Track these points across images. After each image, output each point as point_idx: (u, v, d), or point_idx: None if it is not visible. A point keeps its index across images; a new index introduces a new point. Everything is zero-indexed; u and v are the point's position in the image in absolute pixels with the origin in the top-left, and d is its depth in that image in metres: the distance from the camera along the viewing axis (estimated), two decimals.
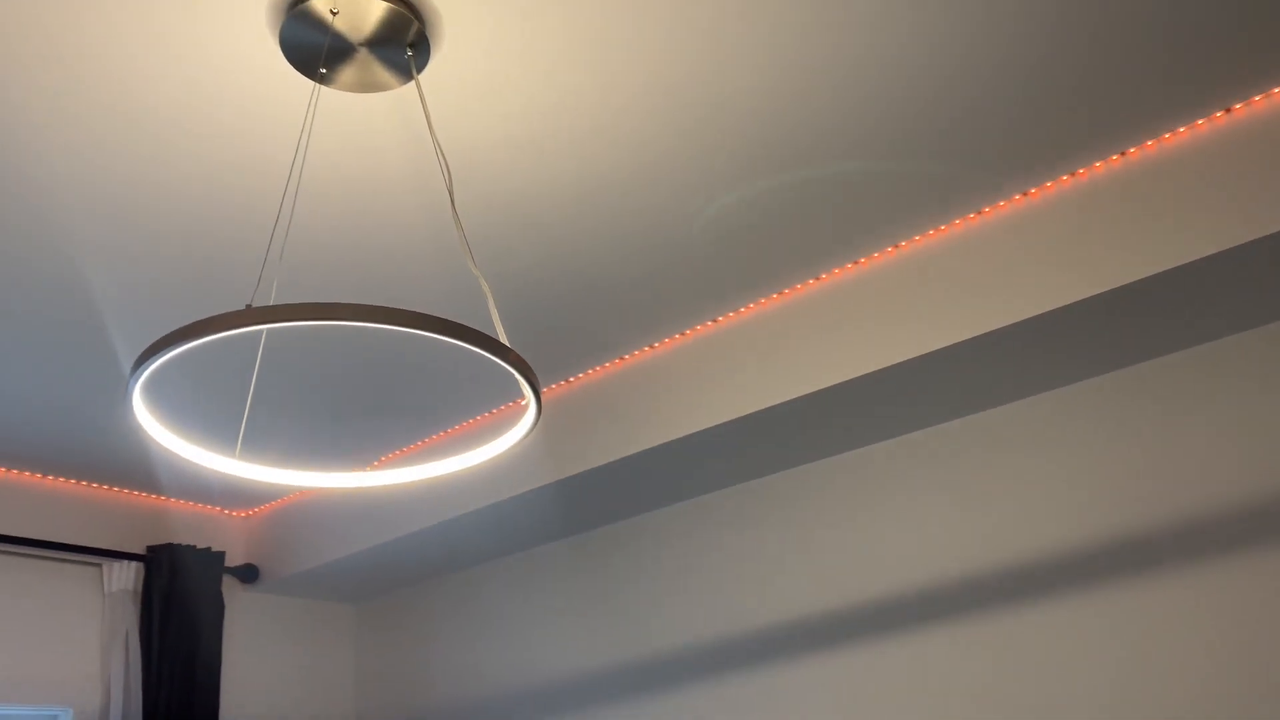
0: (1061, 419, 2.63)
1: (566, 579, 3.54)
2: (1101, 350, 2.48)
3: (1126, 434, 2.52)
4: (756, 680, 2.99)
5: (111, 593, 3.39)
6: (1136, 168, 2.21)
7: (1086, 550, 2.52)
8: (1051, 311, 2.25)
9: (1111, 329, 2.38)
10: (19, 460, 3.23)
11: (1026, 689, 2.52)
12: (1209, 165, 2.11)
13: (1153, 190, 2.17)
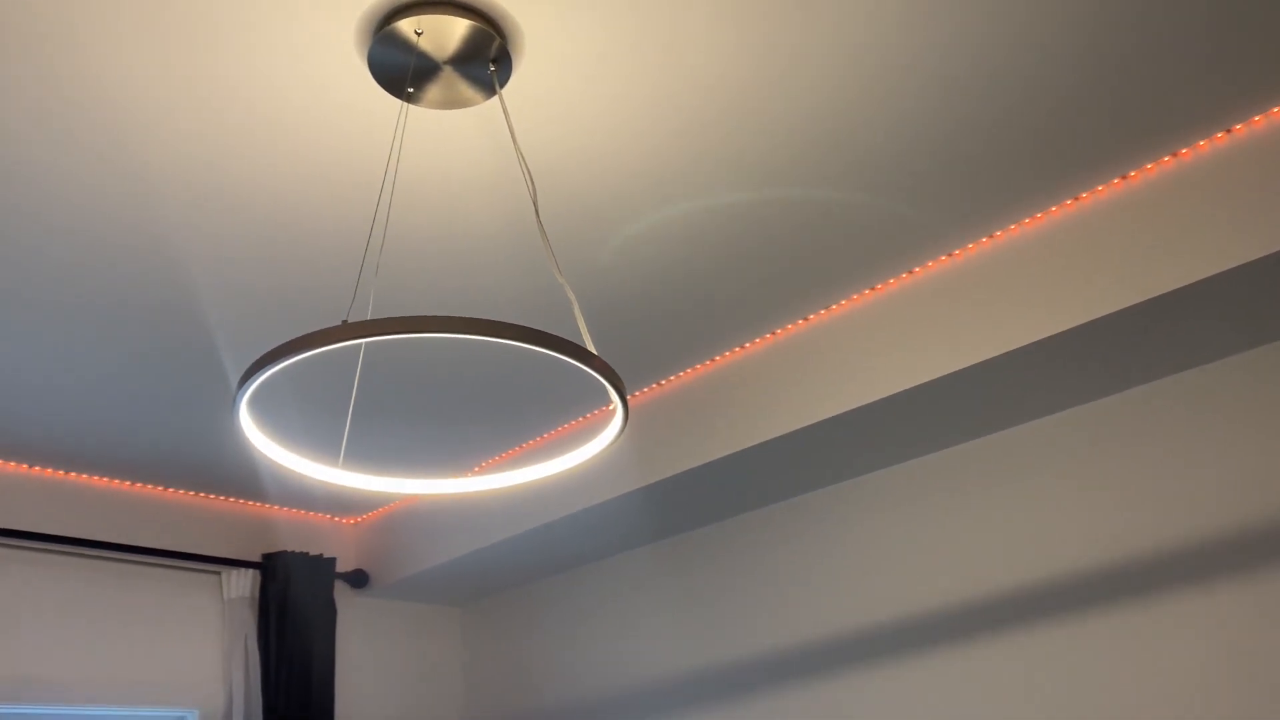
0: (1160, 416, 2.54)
1: (660, 582, 3.56)
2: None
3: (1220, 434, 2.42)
4: (848, 684, 2.96)
5: (230, 599, 3.54)
6: (1174, 175, 2.14)
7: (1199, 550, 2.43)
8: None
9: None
10: (142, 474, 3.40)
11: (1104, 697, 2.43)
12: (1256, 170, 2.03)
13: (1200, 193, 2.10)
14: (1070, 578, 2.62)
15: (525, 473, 1.93)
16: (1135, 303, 2.18)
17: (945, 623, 2.83)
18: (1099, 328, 2.28)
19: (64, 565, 3.27)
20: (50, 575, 3.23)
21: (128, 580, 3.39)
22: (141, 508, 3.47)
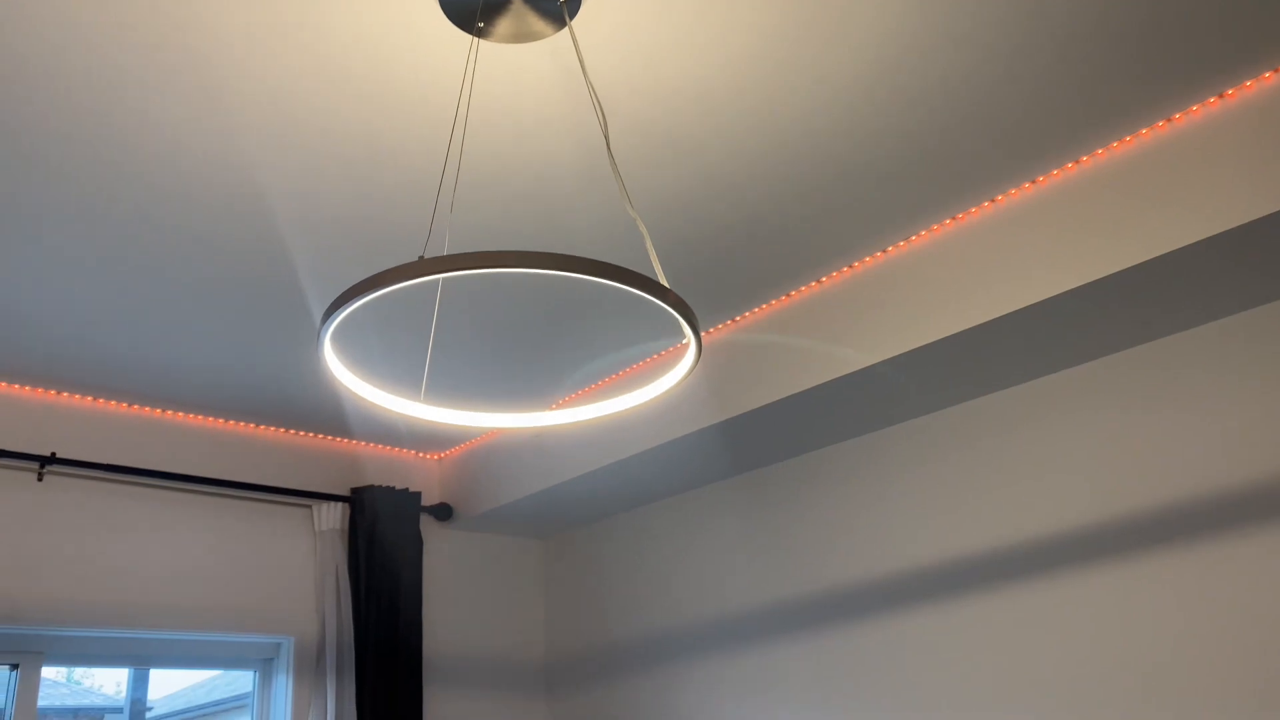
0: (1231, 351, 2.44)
1: (735, 516, 3.58)
2: None
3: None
4: (919, 619, 2.95)
5: (321, 531, 3.67)
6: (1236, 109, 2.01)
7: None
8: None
9: None
10: (235, 412, 3.52)
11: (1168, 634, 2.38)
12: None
13: (1251, 134, 1.97)
14: (1135, 517, 2.56)
15: (600, 407, 1.95)
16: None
17: (1016, 560, 2.79)
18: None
19: (165, 499, 3.42)
20: (152, 509, 3.38)
21: (224, 514, 3.53)
22: (236, 445, 3.60)
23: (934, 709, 2.91)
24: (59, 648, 3.16)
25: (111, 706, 10.25)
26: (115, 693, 9.63)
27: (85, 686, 11.05)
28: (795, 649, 3.31)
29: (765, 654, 3.40)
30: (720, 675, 3.52)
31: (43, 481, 3.19)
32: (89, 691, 11.03)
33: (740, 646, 3.48)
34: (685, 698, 3.62)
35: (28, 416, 3.19)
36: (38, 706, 3.11)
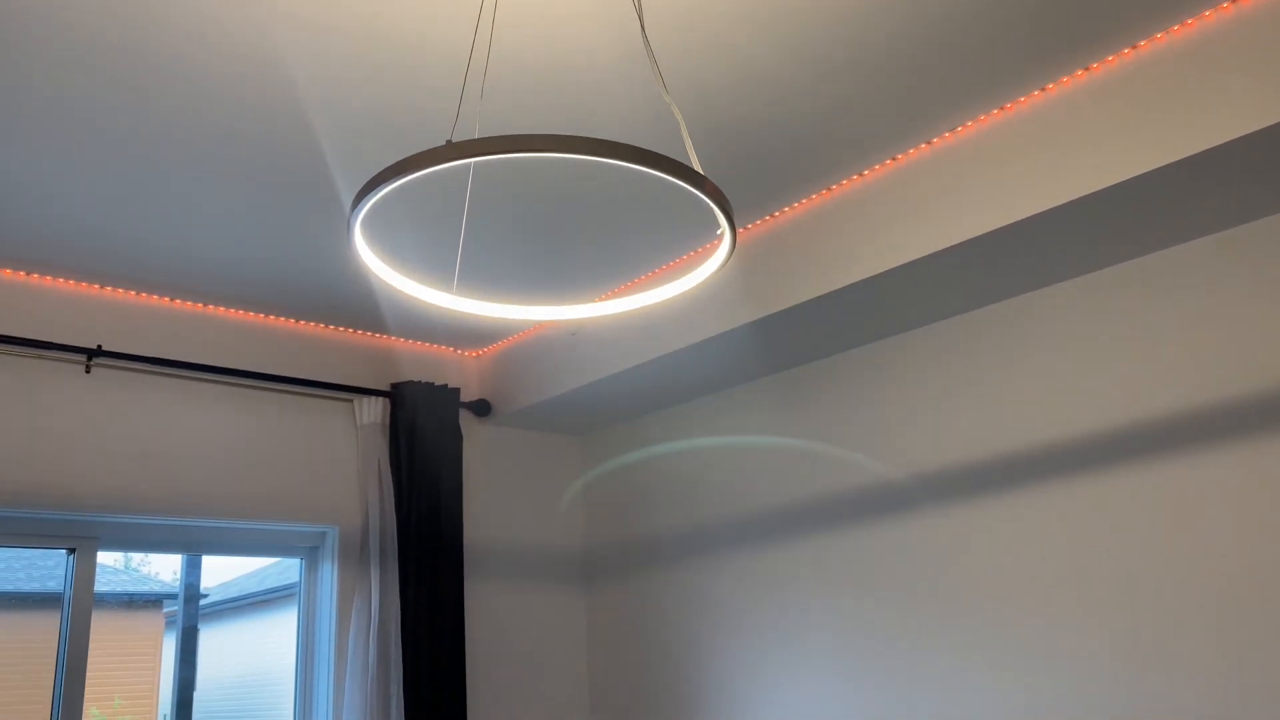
0: None
1: (769, 415, 3.58)
2: None
3: None
4: (947, 518, 2.96)
5: (363, 425, 3.72)
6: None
7: None
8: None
9: None
10: (276, 307, 3.56)
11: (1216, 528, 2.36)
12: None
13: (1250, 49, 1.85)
14: (1183, 411, 2.52)
15: (634, 300, 1.93)
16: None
17: (1042, 462, 2.77)
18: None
19: (211, 393, 3.48)
20: (198, 402, 3.45)
21: (268, 407, 3.60)
22: (278, 339, 3.65)
23: (955, 605, 2.93)
24: (112, 533, 3.27)
25: (167, 593, 10.63)
26: (171, 580, 9.94)
27: (142, 574, 11.48)
28: (823, 546, 3.34)
29: (793, 549, 3.43)
30: (749, 569, 3.57)
31: (90, 374, 3.26)
32: (145, 579, 11.46)
33: (769, 542, 3.52)
34: (715, 590, 3.68)
35: (74, 310, 3.25)
36: (95, 591, 3.23)
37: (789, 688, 3.38)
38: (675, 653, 3.80)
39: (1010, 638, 2.82)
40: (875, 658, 3.15)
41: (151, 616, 11.23)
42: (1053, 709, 2.71)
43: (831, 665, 3.27)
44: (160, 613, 10.28)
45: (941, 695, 2.96)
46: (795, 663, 3.38)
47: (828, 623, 3.30)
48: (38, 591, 10.77)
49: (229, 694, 13.27)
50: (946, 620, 2.98)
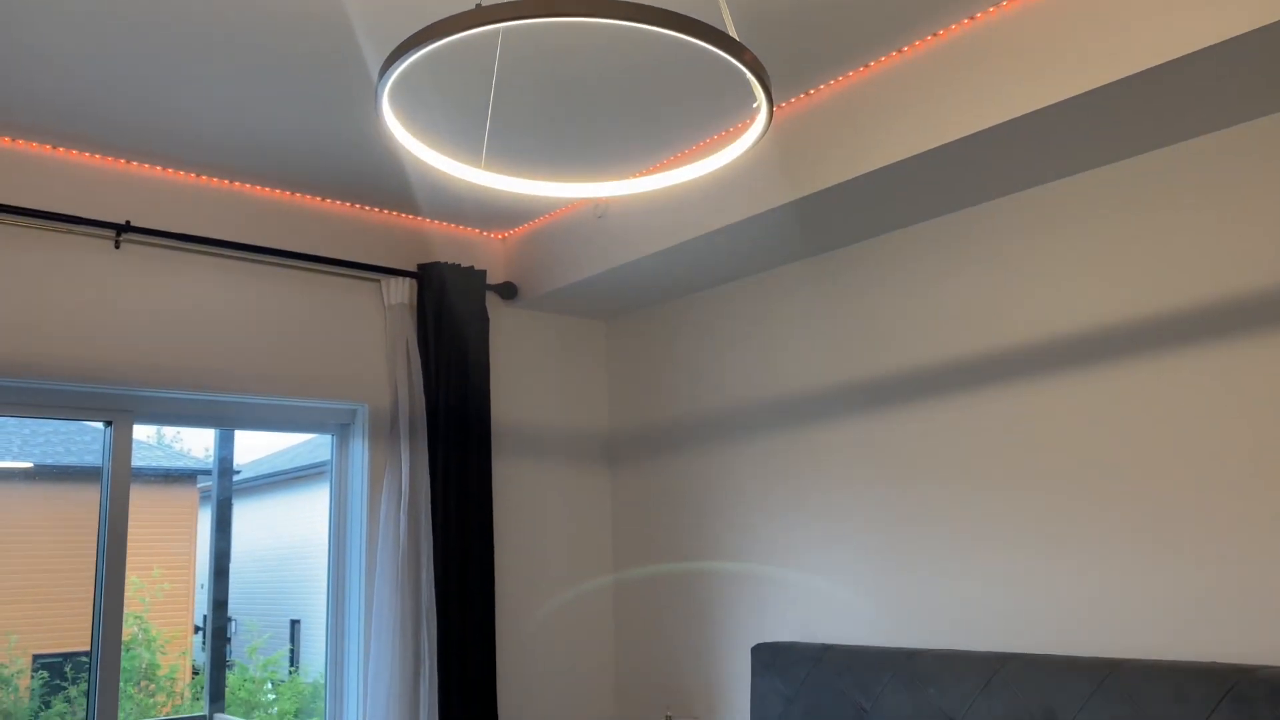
0: None
1: (805, 298, 3.56)
2: None
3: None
4: (988, 400, 2.95)
5: (390, 305, 3.73)
6: None
7: None
8: None
9: None
10: (304, 185, 3.53)
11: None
12: None
13: None
14: (1174, 314, 2.48)
15: (665, 177, 1.89)
16: None
17: (1078, 345, 2.74)
18: None
19: (240, 270, 3.48)
20: (228, 279, 3.46)
21: (297, 286, 3.60)
22: (306, 218, 3.63)
23: (978, 489, 2.95)
24: (146, 407, 3.33)
25: (201, 468, 10.92)
26: (204, 455, 10.07)
27: (175, 449, 11.75)
28: (848, 430, 3.35)
29: (818, 435, 3.45)
30: (773, 454, 3.60)
31: (120, 250, 3.26)
32: (179, 454, 11.75)
33: (794, 427, 3.53)
34: (739, 472, 3.72)
35: (103, 185, 3.23)
36: (132, 465, 3.30)
37: (811, 570, 3.45)
38: (698, 532, 3.87)
39: (1031, 522, 2.85)
40: (897, 540, 3.19)
41: (186, 491, 11.58)
42: (1074, 591, 2.75)
43: (852, 548, 3.32)
44: (194, 487, 10.60)
45: (961, 577, 3.01)
46: (817, 545, 3.43)
47: (851, 506, 3.34)
48: (78, 465, 11.11)
49: (263, 566, 13.80)
50: (968, 504, 3.00)
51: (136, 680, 10.11)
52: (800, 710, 3.18)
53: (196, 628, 10.99)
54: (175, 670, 10.51)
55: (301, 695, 11.32)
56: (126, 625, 3.40)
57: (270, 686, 12.03)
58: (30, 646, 10.44)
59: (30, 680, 9.92)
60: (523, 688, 3.92)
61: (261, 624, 13.79)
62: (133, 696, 10.10)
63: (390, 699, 3.42)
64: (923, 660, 2.92)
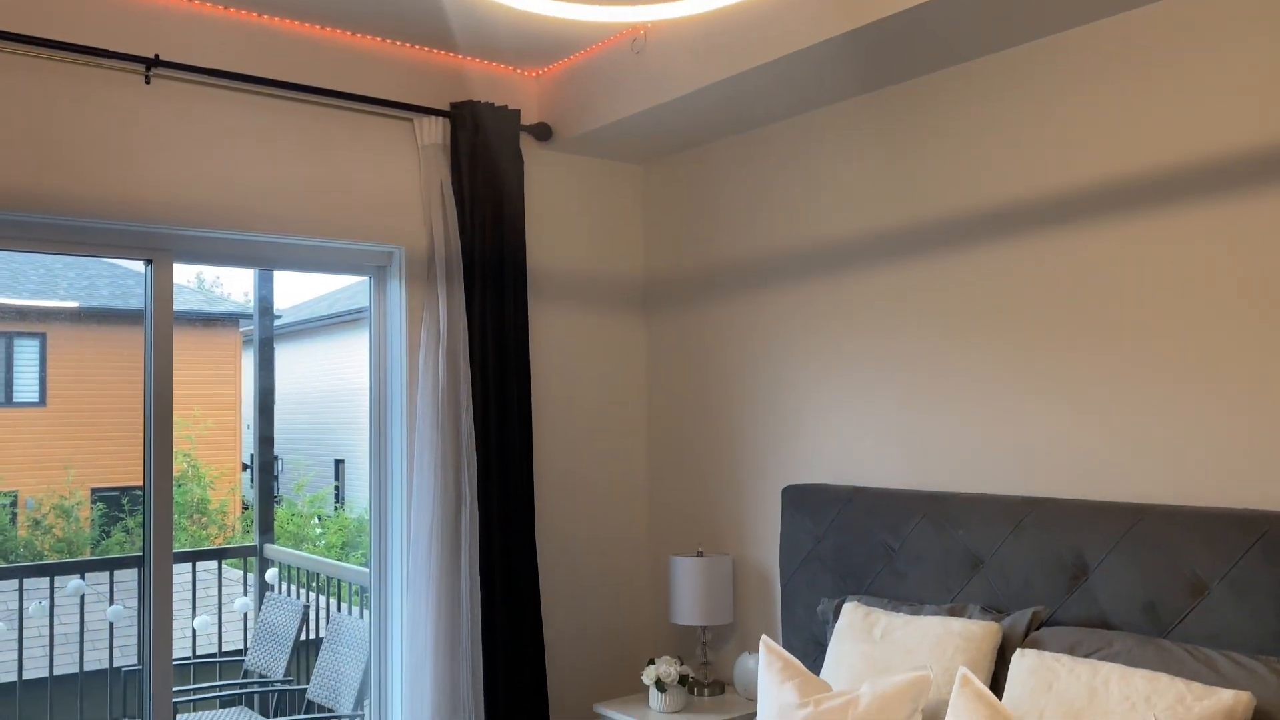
0: None
1: (855, 138, 3.45)
2: None
3: None
4: (1023, 247, 2.88)
5: (424, 146, 3.67)
6: None
7: None
8: None
9: None
10: (331, 18, 3.43)
11: None
12: None
13: None
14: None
15: None
16: None
17: (1130, 187, 2.65)
18: None
19: (271, 107, 3.43)
20: (259, 116, 3.41)
21: (330, 124, 3.55)
22: (337, 53, 3.54)
23: (1016, 335, 2.92)
24: (185, 246, 3.34)
25: (243, 312, 11.16)
26: (244, 300, 10.32)
27: (216, 294, 11.95)
28: (883, 278, 3.31)
29: (854, 281, 3.41)
30: (809, 300, 3.57)
31: (150, 85, 3.21)
32: (222, 299, 12.00)
33: (831, 274, 3.49)
34: (774, 320, 3.71)
35: (131, 18, 3.16)
36: (176, 309, 3.34)
37: (842, 415, 3.47)
38: (731, 377, 3.89)
39: (1062, 367, 2.83)
40: (929, 387, 3.19)
41: (229, 333, 11.83)
42: (1105, 436, 2.75)
43: (884, 394, 3.32)
44: (237, 330, 10.84)
45: (992, 423, 3.01)
46: (849, 391, 3.44)
47: (883, 352, 3.33)
48: (124, 308, 11.38)
49: (307, 409, 14.20)
50: (1001, 351, 2.98)
51: (189, 514, 10.58)
52: (829, 548, 3.26)
53: (244, 465, 11.42)
54: (225, 505, 10.98)
55: (347, 530, 11.84)
56: (176, 463, 3.51)
57: (317, 521, 12.55)
58: (88, 480, 10.91)
59: (90, 511, 10.41)
60: (559, 524, 4.04)
61: (307, 463, 14.30)
62: (186, 528, 10.59)
63: (432, 533, 3.54)
64: (952, 503, 2.96)
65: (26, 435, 10.18)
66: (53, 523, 9.80)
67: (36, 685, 5.06)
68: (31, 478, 9.93)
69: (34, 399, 10.49)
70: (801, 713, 2.54)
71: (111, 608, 5.16)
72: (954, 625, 2.67)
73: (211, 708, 5.18)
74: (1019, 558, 2.75)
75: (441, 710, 3.50)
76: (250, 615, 5.72)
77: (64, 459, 10.12)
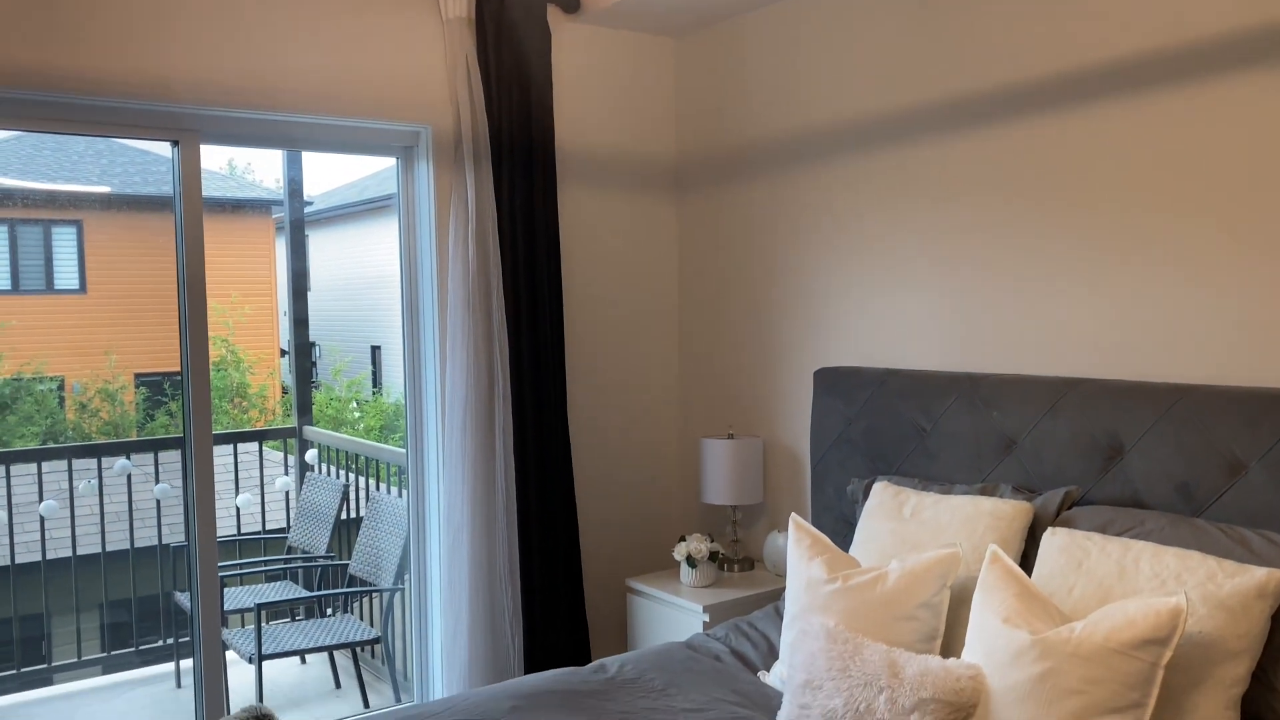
0: None
1: (893, 9, 3.31)
2: None
3: None
4: (1065, 117, 2.77)
5: (448, 20, 3.57)
6: None
7: None
8: None
9: None
10: None
11: None
12: None
13: None
14: None
15: None
16: None
17: (1186, 57, 2.52)
18: None
19: None
20: None
21: None
22: None
23: (1047, 214, 2.84)
24: (212, 126, 3.30)
25: (275, 199, 11.15)
26: (276, 187, 10.31)
27: (248, 180, 11.97)
28: (918, 153, 3.21)
29: (889, 158, 3.31)
30: (843, 179, 3.48)
31: None
32: (253, 185, 11.99)
33: (866, 150, 3.39)
34: (807, 199, 3.63)
35: None
36: (206, 196, 3.32)
37: (875, 297, 3.42)
38: (763, 258, 3.84)
39: (1102, 244, 2.75)
40: (964, 266, 3.12)
41: (262, 220, 11.88)
42: (1145, 315, 2.69)
43: (917, 274, 3.26)
44: (269, 216, 10.87)
45: (1029, 303, 2.96)
46: (882, 272, 3.38)
47: (918, 230, 3.25)
48: (155, 194, 11.42)
49: (343, 296, 14.32)
50: (1037, 228, 2.90)
51: (230, 397, 10.80)
52: (860, 430, 3.26)
53: (282, 351, 11.59)
54: (265, 389, 11.19)
55: (384, 413, 12.06)
56: (215, 348, 3.55)
57: (355, 405, 12.78)
58: (131, 366, 11.12)
59: (134, 395, 10.65)
60: (591, 405, 4.06)
61: (343, 350, 14.46)
62: (228, 412, 10.82)
63: (466, 414, 3.58)
64: (987, 384, 2.93)
65: (69, 322, 10.37)
66: (98, 406, 10.05)
67: (90, 560, 5.26)
68: (76, 363, 10.15)
69: (74, 286, 10.64)
70: (829, 588, 2.57)
71: (158, 486, 5.31)
72: (984, 504, 2.67)
73: (257, 582, 5.37)
74: (1053, 439, 2.73)
75: (478, 584, 3.59)
76: (292, 494, 5.87)
77: (106, 345, 10.32)
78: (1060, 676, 2.01)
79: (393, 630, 4.55)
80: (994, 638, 2.17)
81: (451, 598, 3.62)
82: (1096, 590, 2.27)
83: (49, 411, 9.90)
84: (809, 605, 2.59)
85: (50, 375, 9.98)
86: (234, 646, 4.27)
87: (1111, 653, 1.98)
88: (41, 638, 5.21)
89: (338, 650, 4.52)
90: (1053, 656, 2.03)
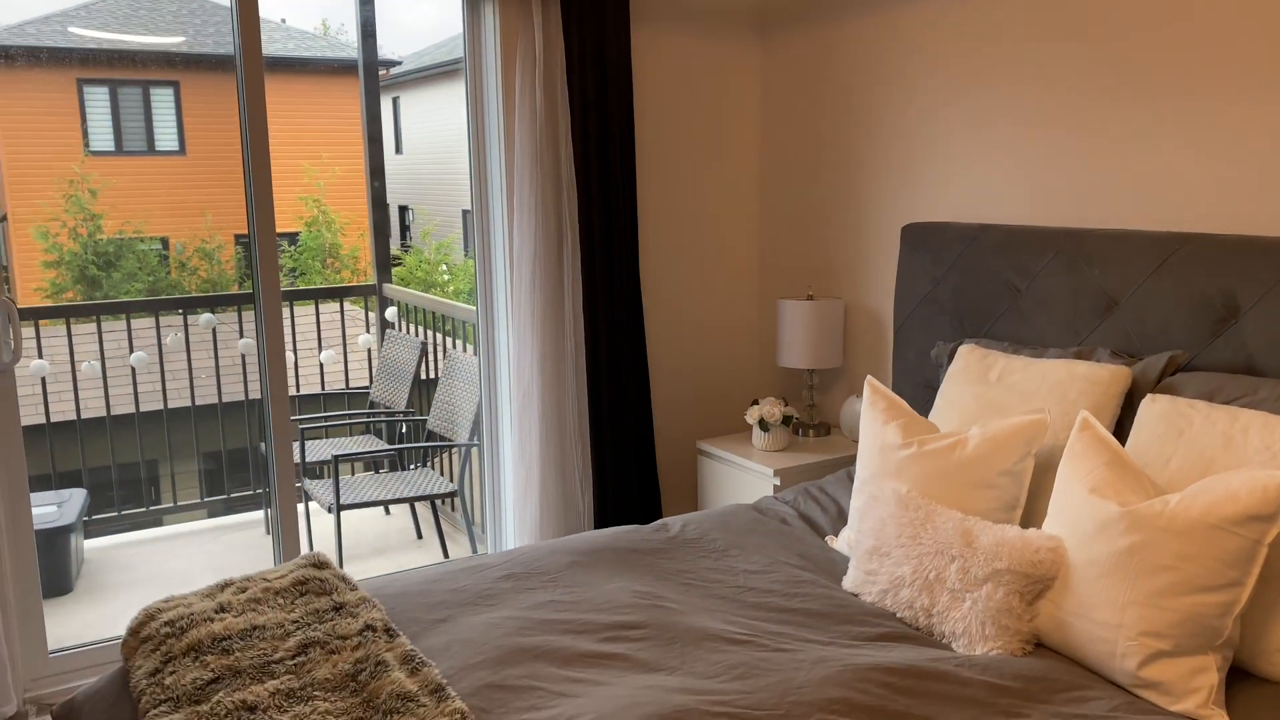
0: None
1: None
2: None
3: None
4: None
5: None
6: None
7: None
8: None
9: None
10: None
11: None
12: None
13: None
14: None
15: None
16: None
17: None
18: None
19: None
20: None
21: None
22: None
23: (1154, 56, 2.52)
24: None
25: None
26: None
27: (341, 41, 11.72)
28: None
29: None
30: (939, 20, 3.17)
31: None
32: (345, 45, 11.75)
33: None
34: (896, 46, 3.33)
35: None
36: (295, 56, 3.18)
37: (968, 148, 3.15)
38: (849, 109, 3.57)
39: (1216, 88, 2.43)
40: (1064, 114, 2.83)
41: (354, 82, 11.72)
42: (1265, 166, 2.39)
43: (1013, 123, 2.98)
44: (357, 78, 10.64)
45: (1136, 153, 2.67)
46: (974, 121, 3.10)
47: (1013, 78, 2.95)
48: (217, 53, 11.24)
49: (433, 160, 14.29)
50: (1145, 71, 2.58)
51: (322, 258, 10.94)
52: (948, 290, 3.05)
53: None
54: (356, 250, 11.30)
55: (474, 277, 12.10)
56: (306, 209, 3.48)
57: (445, 268, 12.86)
58: (228, 227, 11.30)
59: (232, 254, 10.86)
60: (663, 262, 3.91)
61: (434, 213, 14.47)
62: (321, 272, 10.97)
63: (535, 271, 3.47)
64: (1089, 240, 2.68)
65: (169, 183, 10.56)
66: (196, 265, 10.30)
67: (181, 413, 5.42)
68: (175, 224, 10.38)
69: (174, 148, 10.80)
70: (904, 453, 2.43)
71: (243, 340, 5.40)
72: (1079, 369, 2.47)
73: (341, 435, 5.48)
74: (1159, 299, 2.49)
75: (549, 440, 3.55)
76: (373, 351, 5.92)
77: (204, 205, 10.50)
78: (1150, 551, 1.85)
79: (470, 485, 4.59)
80: (1079, 508, 2.01)
81: (522, 455, 3.60)
82: (1197, 462, 2.08)
83: (150, 269, 10.19)
84: (881, 470, 2.46)
85: (150, 236, 10.23)
86: (315, 497, 4.36)
87: (1210, 528, 1.81)
88: (144, 482, 5.43)
89: (418, 502, 4.59)
90: (1143, 529, 1.87)
